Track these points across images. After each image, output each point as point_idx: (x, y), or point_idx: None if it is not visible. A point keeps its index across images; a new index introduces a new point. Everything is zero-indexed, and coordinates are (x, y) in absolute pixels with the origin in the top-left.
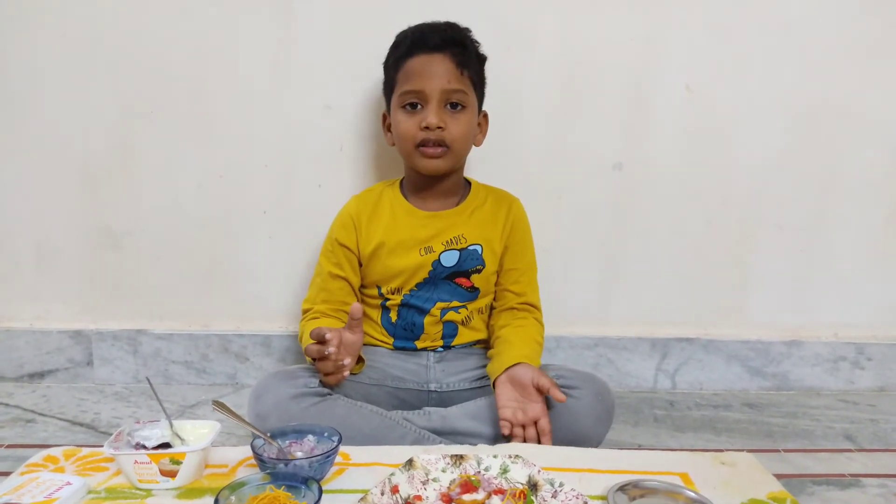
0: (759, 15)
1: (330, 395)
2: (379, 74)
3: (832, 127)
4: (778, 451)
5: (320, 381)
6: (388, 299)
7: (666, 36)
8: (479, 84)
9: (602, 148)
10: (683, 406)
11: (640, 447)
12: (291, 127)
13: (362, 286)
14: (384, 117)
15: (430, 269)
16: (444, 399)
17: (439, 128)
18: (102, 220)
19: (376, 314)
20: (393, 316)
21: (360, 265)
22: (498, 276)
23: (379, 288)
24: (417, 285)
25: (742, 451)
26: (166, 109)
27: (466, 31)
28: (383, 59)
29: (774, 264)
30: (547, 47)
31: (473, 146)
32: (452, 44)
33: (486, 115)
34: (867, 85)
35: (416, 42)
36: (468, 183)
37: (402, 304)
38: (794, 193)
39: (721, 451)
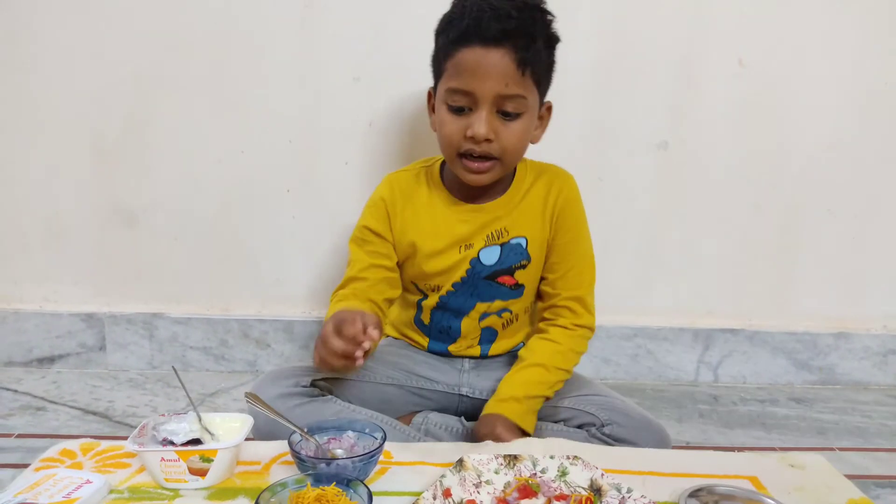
0: None
1: (322, 395)
2: (411, 45)
3: (890, 106)
4: (833, 449)
5: (313, 382)
6: (425, 296)
7: (717, 6)
8: (545, 77)
9: (646, 126)
10: (728, 401)
11: (688, 445)
12: (317, 100)
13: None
14: (429, 95)
15: (469, 267)
16: (476, 406)
17: (487, 140)
18: (116, 197)
19: (410, 313)
20: (426, 318)
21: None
22: (544, 267)
23: (416, 284)
24: (454, 285)
25: (808, 450)
26: (184, 79)
27: (537, 8)
28: (416, 27)
29: (824, 252)
30: (588, 19)
31: (531, 144)
32: (515, 35)
33: (549, 108)
34: None
35: (471, 28)
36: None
37: (438, 307)
38: (847, 177)
39: (785, 450)
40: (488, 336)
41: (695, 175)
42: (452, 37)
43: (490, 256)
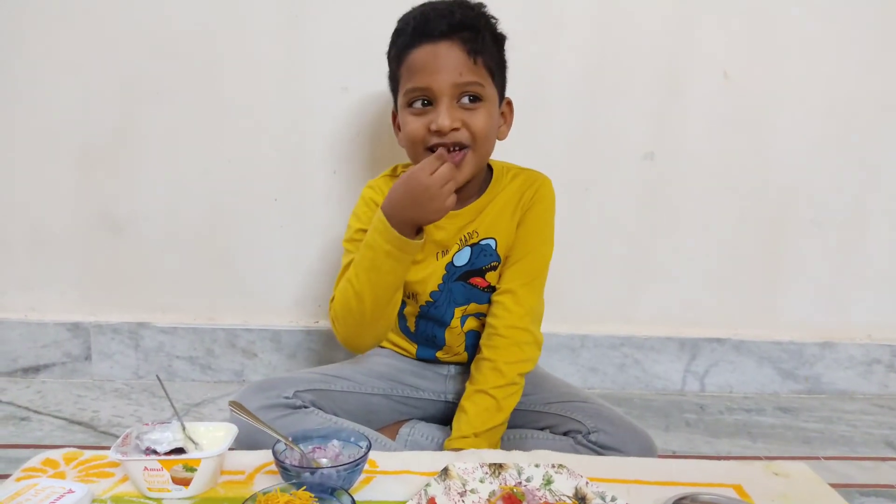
0: None
1: (304, 407)
2: None
3: (873, 118)
4: (818, 458)
5: (295, 392)
6: (404, 304)
7: (702, 19)
8: (497, 70)
9: (632, 137)
10: (715, 410)
11: (675, 454)
12: (305, 109)
13: None
14: (393, 116)
15: (444, 273)
16: None
17: (454, 129)
18: (102, 206)
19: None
20: (411, 325)
21: None
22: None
23: None
24: (432, 294)
25: (793, 459)
26: (172, 88)
27: (479, 7)
28: None
29: (809, 262)
30: (575, 30)
31: (498, 140)
32: (462, 28)
33: (509, 103)
34: None
35: (418, 29)
36: (490, 168)
37: (420, 315)
38: (831, 187)
39: (770, 458)
40: (473, 340)
41: (680, 186)
42: (401, 43)
43: (461, 257)
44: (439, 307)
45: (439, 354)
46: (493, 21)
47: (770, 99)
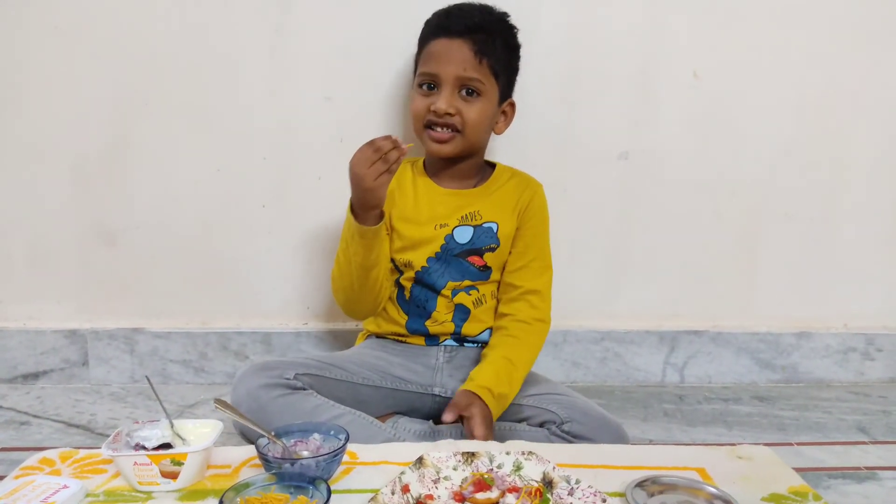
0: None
1: (304, 389)
2: (380, 65)
3: (841, 114)
4: (791, 444)
5: (296, 374)
6: (402, 272)
7: (672, 21)
8: (503, 72)
9: (607, 137)
10: (693, 400)
11: (651, 442)
12: (290, 119)
13: None
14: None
15: (443, 242)
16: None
17: (448, 114)
18: (97, 217)
19: (392, 290)
20: (406, 293)
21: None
22: (506, 262)
23: (393, 260)
24: (429, 260)
25: (758, 444)
26: (161, 102)
27: (498, 16)
28: (384, 48)
29: (783, 255)
30: (550, 34)
31: (494, 134)
32: (475, 30)
33: (512, 104)
34: (877, 71)
35: (439, 25)
36: (492, 166)
37: (416, 281)
38: (803, 182)
39: (737, 444)
40: (461, 314)
41: (656, 184)
42: (426, 33)
43: (463, 235)
44: (432, 274)
45: (428, 324)
46: (511, 31)
47: (740, 96)
